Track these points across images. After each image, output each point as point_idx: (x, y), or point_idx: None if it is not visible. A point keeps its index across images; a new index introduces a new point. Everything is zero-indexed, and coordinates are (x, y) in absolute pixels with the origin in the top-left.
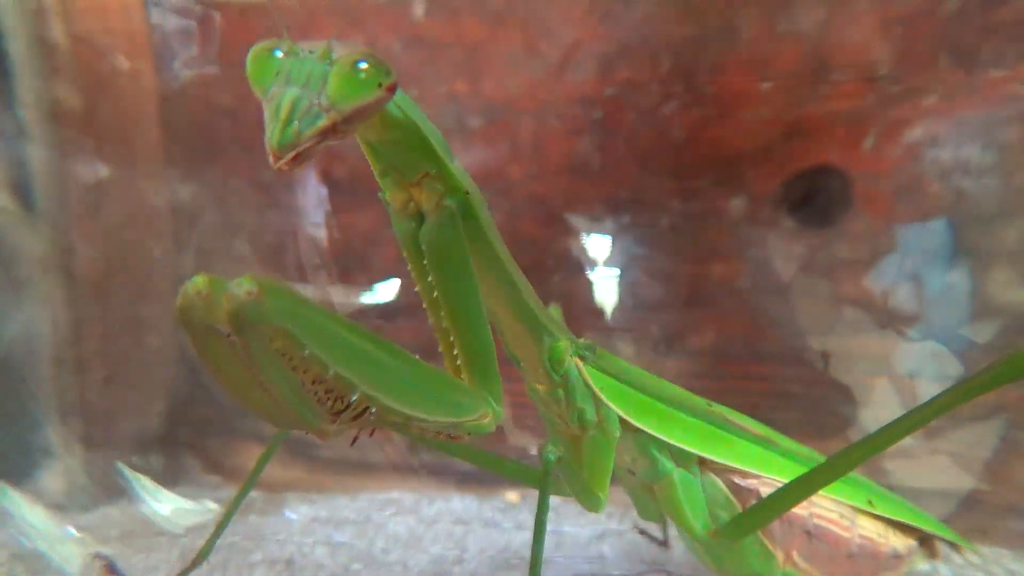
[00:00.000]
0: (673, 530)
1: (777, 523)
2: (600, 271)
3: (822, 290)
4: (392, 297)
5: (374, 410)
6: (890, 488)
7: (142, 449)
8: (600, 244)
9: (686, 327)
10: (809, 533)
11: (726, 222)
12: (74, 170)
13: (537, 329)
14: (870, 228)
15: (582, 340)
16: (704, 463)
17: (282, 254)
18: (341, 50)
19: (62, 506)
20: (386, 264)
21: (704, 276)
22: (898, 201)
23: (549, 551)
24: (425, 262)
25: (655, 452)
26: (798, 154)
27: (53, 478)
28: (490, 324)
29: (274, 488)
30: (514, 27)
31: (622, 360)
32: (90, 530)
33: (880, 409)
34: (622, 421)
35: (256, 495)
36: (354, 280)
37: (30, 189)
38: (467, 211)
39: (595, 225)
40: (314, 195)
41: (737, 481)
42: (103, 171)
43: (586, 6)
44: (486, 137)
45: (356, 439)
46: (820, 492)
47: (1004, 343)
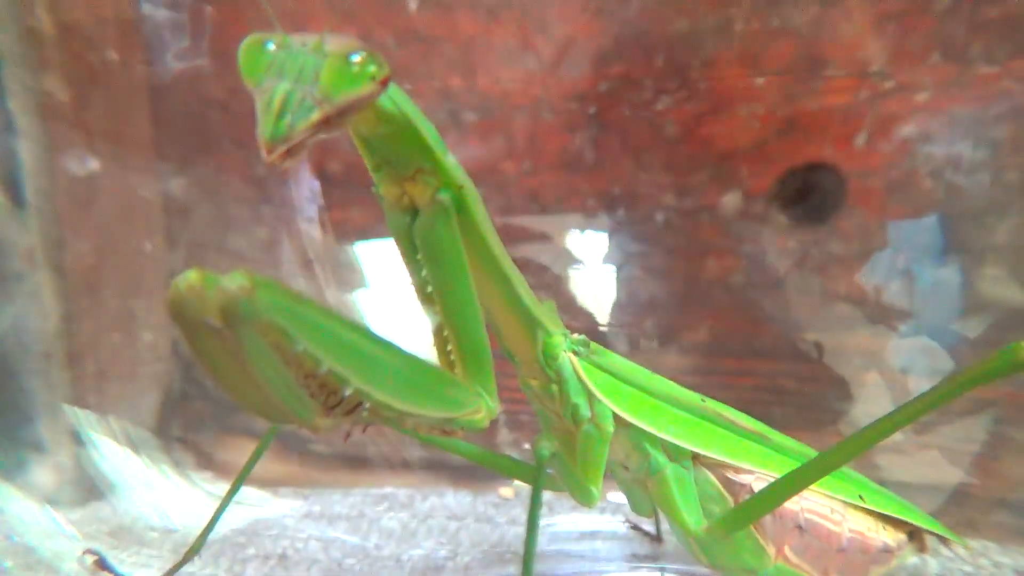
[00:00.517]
0: (666, 525)
1: (769, 518)
2: (594, 267)
3: (815, 286)
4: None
5: (367, 405)
6: (880, 482)
7: (134, 444)
8: (594, 240)
9: (680, 323)
10: (800, 528)
11: (720, 218)
12: (64, 163)
13: (531, 324)
14: (863, 224)
15: (576, 335)
16: (697, 458)
17: (275, 249)
18: (334, 43)
19: (53, 501)
20: (380, 259)
21: (698, 272)
22: (890, 197)
23: (543, 546)
24: (419, 257)
25: (648, 447)
26: (792, 150)
27: (44, 473)
28: (484, 319)
29: (268, 483)
30: (508, 22)
31: (616, 355)
32: (81, 525)
33: (872, 404)
34: (615, 416)
35: (249, 490)
36: (348, 275)
37: (19, 183)
38: (461, 205)
39: (589, 221)
40: (307, 189)
41: (730, 476)
42: (93, 164)
43: (580, 1)
44: (480, 132)
45: (349, 434)
46: (812, 487)
47: (995, 338)
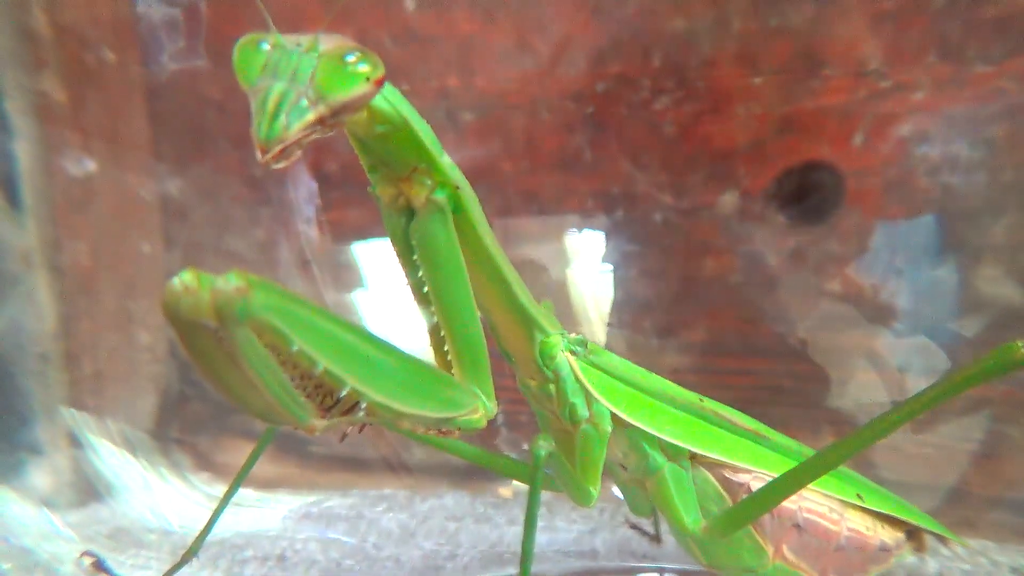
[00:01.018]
0: (665, 524)
1: (767, 517)
2: (592, 266)
3: (813, 285)
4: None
5: (364, 405)
6: (878, 481)
7: (132, 445)
8: (592, 239)
9: (678, 322)
10: (799, 527)
11: (718, 217)
12: (61, 164)
13: (528, 324)
14: (860, 223)
15: (573, 335)
16: (695, 458)
17: (273, 249)
18: (328, 43)
19: (50, 503)
20: (377, 259)
21: (696, 271)
22: (888, 197)
23: (541, 546)
24: (415, 257)
25: (646, 447)
26: (789, 150)
27: (41, 475)
28: (482, 319)
29: (266, 484)
30: (506, 22)
31: (614, 355)
32: (79, 527)
33: (870, 403)
34: (613, 416)
35: (248, 491)
36: (345, 275)
37: (16, 184)
38: (457, 205)
39: (587, 220)
40: (305, 190)
41: (728, 476)
42: (90, 165)
43: (577, 1)
44: (478, 132)
45: (346, 435)
46: (810, 486)
47: (992, 337)
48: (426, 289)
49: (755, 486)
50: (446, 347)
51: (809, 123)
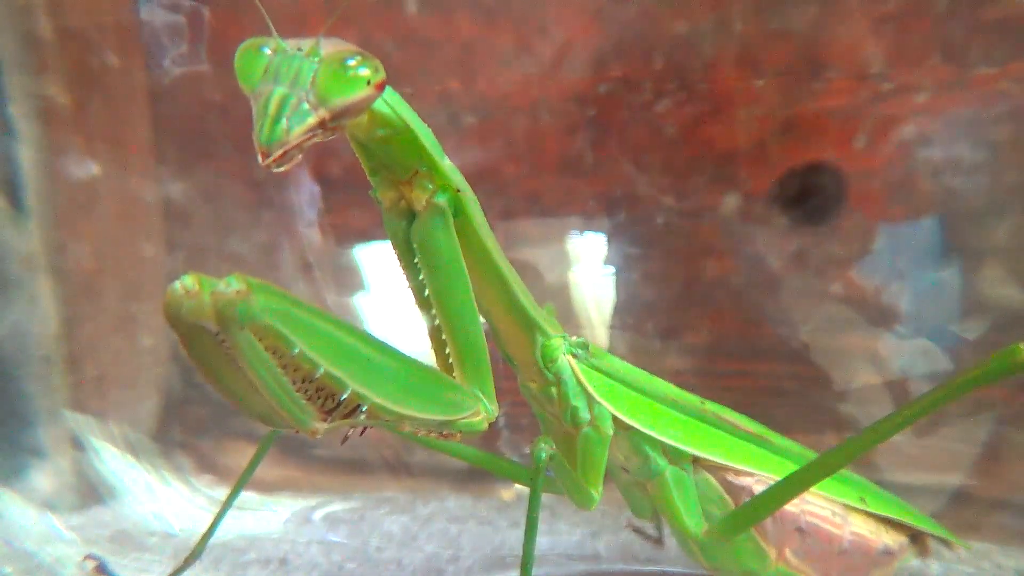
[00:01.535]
0: (667, 528)
1: (769, 520)
2: (594, 269)
3: (816, 287)
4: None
5: (365, 408)
6: (882, 484)
7: (134, 448)
8: (594, 242)
9: (681, 324)
10: (801, 530)
11: (720, 219)
12: (64, 168)
13: (530, 327)
14: (863, 225)
15: (575, 338)
16: (697, 461)
17: (275, 252)
18: (329, 47)
19: (53, 506)
20: (380, 262)
21: (699, 273)
22: (890, 198)
23: (544, 549)
24: (416, 260)
25: (648, 450)
26: (791, 152)
27: (44, 478)
28: (484, 322)
29: (268, 487)
30: (507, 25)
31: (615, 358)
32: (81, 530)
33: (872, 406)
34: (615, 419)
35: (250, 494)
36: (348, 278)
37: (19, 187)
38: (458, 209)
39: (589, 223)
40: (307, 193)
41: (730, 479)
42: (93, 169)
43: (579, 4)
44: (480, 135)
45: (347, 438)
46: (813, 490)
47: (995, 339)
48: (427, 292)
49: (757, 489)
50: (447, 350)
51: (811, 125)
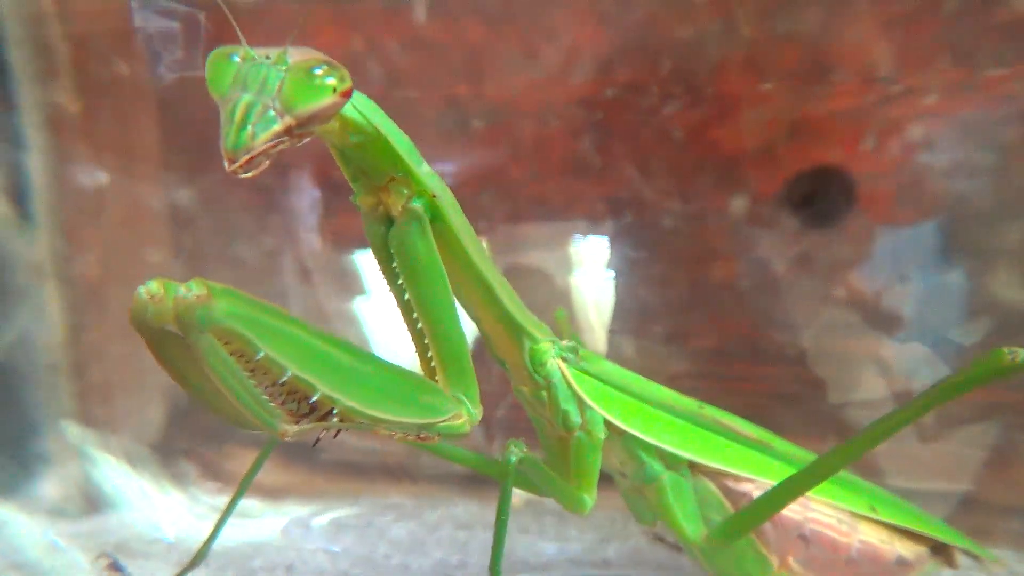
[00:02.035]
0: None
1: (770, 527)
2: (601, 272)
3: (823, 291)
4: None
5: (337, 411)
6: (890, 491)
7: (139, 456)
8: (601, 245)
9: (688, 328)
10: (804, 537)
11: (728, 222)
12: (72, 175)
13: (516, 331)
14: (871, 228)
15: (565, 342)
16: (695, 466)
17: (279, 257)
18: (297, 56)
19: (57, 513)
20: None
21: (706, 276)
22: (899, 201)
23: (552, 555)
24: (395, 265)
25: (643, 455)
26: (799, 155)
27: (49, 485)
28: (477, 326)
29: (273, 493)
30: (514, 30)
31: (608, 361)
32: (85, 537)
33: (879, 411)
34: (608, 423)
35: (255, 501)
36: (349, 283)
37: (27, 196)
38: (435, 214)
39: (596, 226)
40: (308, 197)
41: (730, 485)
42: (101, 177)
43: (585, 9)
44: (487, 138)
45: (319, 440)
46: (817, 497)
47: (1004, 343)
48: (407, 296)
49: (757, 495)
50: (430, 354)
51: (819, 128)
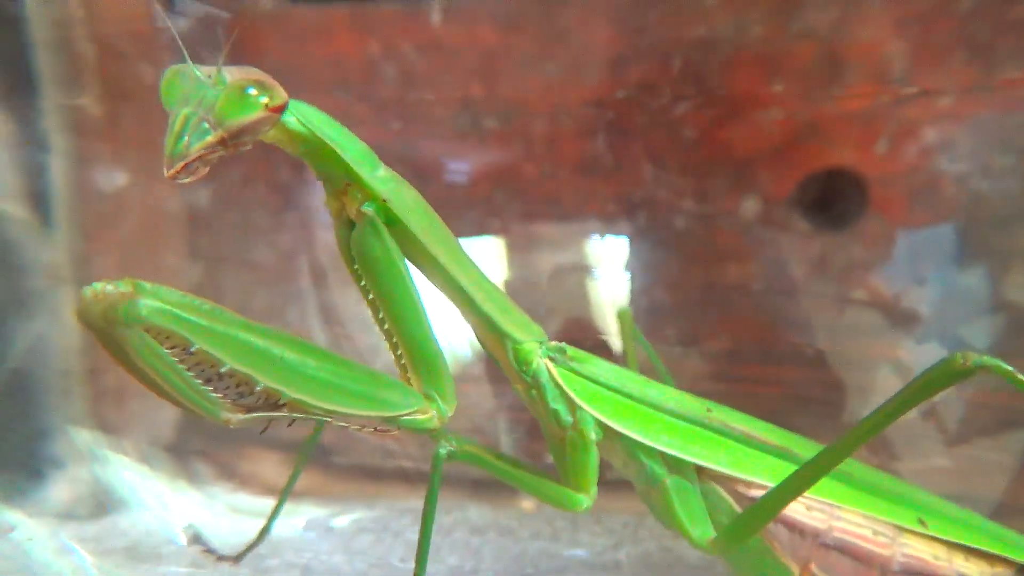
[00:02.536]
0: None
1: (787, 534)
2: (612, 272)
3: (837, 292)
4: None
5: (283, 402)
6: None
7: (153, 458)
8: (613, 245)
9: (701, 329)
10: (827, 546)
11: (740, 223)
12: (93, 179)
13: (497, 332)
14: (886, 230)
15: (553, 342)
16: (703, 470)
17: (296, 257)
18: (232, 74)
19: (70, 516)
20: None
21: (718, 278)
22: (914, 203)
23: (564, 559)
24: (356, 267)
25: (642, 457)
26: (812, 156)
27: (62, 488)
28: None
29: (290, 495)
30: (528, 32)
31: (603, 361)
32: (98, 539)
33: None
34: (603, 424)
35: (270, 501)
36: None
37: (49, 200)
38: (389, 218)
39: (609, 226)
40: (321, 195)
41: (741, 490)
42: (120, 179)
43: (598, 10)
44: (501, 138)
45: (267, 427)
46: (847, 507)
47: (1021, 344)
48: (371, 296)
49: None
50: (400, 351)
51: (832, 129)
